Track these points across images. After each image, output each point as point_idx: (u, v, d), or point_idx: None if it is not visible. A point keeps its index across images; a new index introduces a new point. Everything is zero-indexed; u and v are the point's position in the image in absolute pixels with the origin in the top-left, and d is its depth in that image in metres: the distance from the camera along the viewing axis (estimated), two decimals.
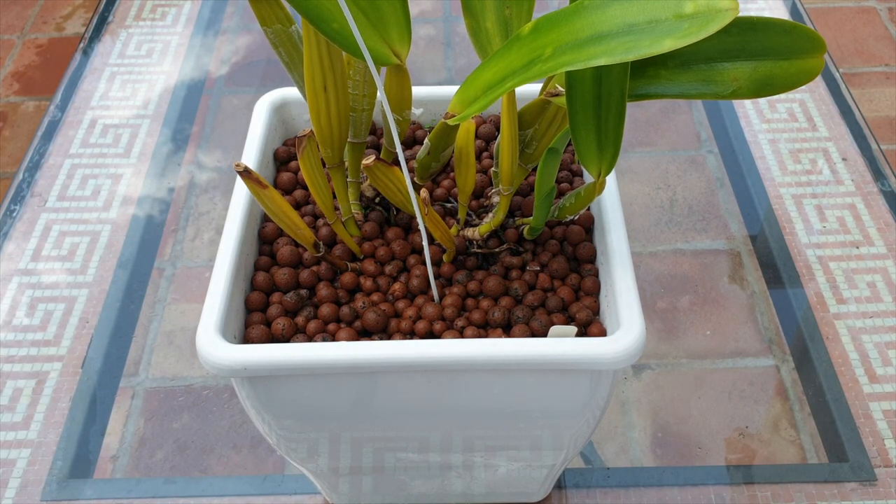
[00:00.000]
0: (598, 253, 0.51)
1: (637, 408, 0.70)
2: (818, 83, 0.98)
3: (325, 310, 0.48)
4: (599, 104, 0.40)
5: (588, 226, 0.52)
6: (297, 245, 0.51)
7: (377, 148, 0.57)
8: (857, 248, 0.81)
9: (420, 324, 0.47)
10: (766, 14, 1.07)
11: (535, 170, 0.52)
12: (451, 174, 0.55)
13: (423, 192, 0.45)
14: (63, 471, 0.66)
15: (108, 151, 0.91)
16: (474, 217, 0.53)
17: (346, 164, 0.51)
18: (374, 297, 0.49)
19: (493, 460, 0.55)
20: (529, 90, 0.55)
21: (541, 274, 0.50)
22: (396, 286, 0.49)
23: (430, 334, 0.47)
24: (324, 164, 0.51)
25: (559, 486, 0.65)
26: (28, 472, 0.66)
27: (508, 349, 0.43)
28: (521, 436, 0.51)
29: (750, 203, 0.86)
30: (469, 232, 0.51)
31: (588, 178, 0.55)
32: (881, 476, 0.65)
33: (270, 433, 0.50)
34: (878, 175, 0.87)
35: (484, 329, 0.48)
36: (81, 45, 1.06)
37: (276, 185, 0.56)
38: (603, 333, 0.47)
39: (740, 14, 0.34)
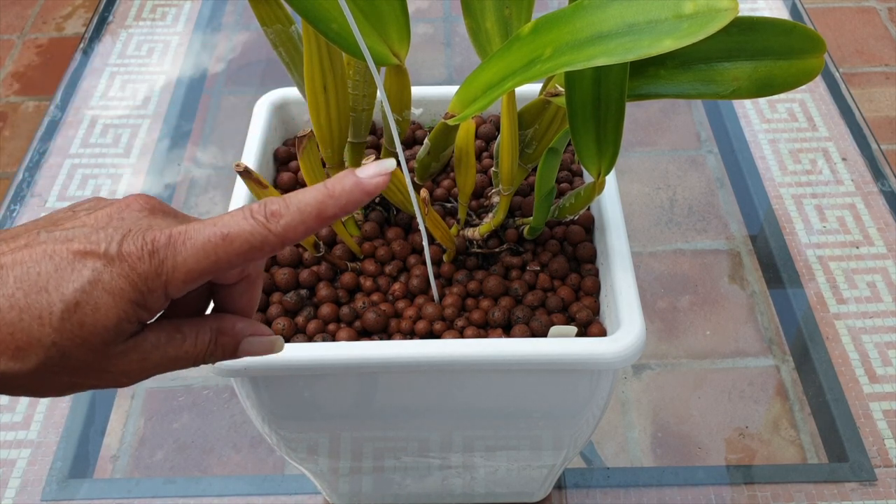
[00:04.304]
0: (598, 253, 0.51)
1: (637, 408, 0.70)
2: (818, 83, 0.98)
3: (325, 310, 0.48)
4: (599, 104, 0.40)
5: (588, 226, 0.52)
6: (297, 245, 0.51)
7: (377, 148, 0.57)
8: (857, 248, 0.81)
9: (420, 324, 0.47)
10: (766, 14, 1.07)
11: (535, 170, 0.52)
12: (451, 174, 0.55)
13: (423, 192, 0.45)
14: (63, 471, 0.66)
15: (108, 151, 0.91)
16: (474, 217, 0.53)
17: (346, 164, 0.51)
18: (374, 297, 0.49)
19: (492, 460, 0.55)
20: (529, 90, 0.54)
21: (541, 274, 0.50)
22: (396, 286, 0.49)
23: (430, 334, 0.47)
24: (324, 164, 0.51)
25: (559, 486, 0.65)
26: (28, 472, 0.66)
27: (508, 349, 0.43)
28: (521, 436, 0.51)
29: (750, 203, 0.86)
30: (469, 232, 0.51)
31: (588, 177, 0.55)
32: (881, 476, 0.65)
33: (270, 433, 0.50)
34: (878, 175, 0.87)
35: (484, 329, 0.48)
36: (81, 45, 1.06)
37: (276, 185, 0.56)
38: (603, 333, 0.47)
39: (740, 14, 0.34)
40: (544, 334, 0.46)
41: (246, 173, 0.44)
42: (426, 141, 0.48)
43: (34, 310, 0.27)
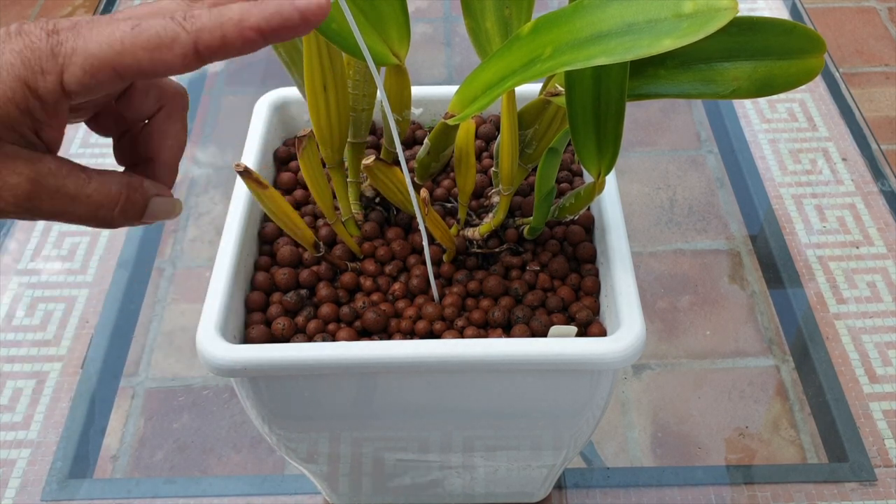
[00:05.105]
0: (598, 253, 0.51)
1: (637, 408, 0.70)
2: (818, 83, 0.98)
3: (325, 310, 0.48)
4: (599, 104, 0.40)
5: (588, 226, 0.52)
6: (297, 245, 0.51)
7: (377, 148, 0.57)
8: (857, 248, 0.81)
9: (420, 324, 0.47)
10: (766, 14, 1.07)
11: (535, 170, 0.52)
12: (451, 174, 0.55)
13: (423, 192, 0.45)
14: (63, 471, 0.66)
15: (108, 151, 0.91)
16: (474, 217, 0.53)
17: (346, 164, 0.51)
18: (374, 296, 0.49)
19: (492, 460, 0.55)
20: (529, 90, 0.54)
21: (541, 274, 0.50)
22: (396, 286, 0.49)
23: (430, 334, 0.47)
24: (324, 164, 0.51)
25: (559, 486, 0.65)
26: (28, 472, 0.66)
27: (508, 349, 0.43)
28: (521, 436, 0.51)
29: (750, 203, 0.86)
30: (469, 232, 0.51)
31: (588, 177, 0.55)
32: (881, 476, 0.65)
33: (270, 433, 0.50)
34: (878, 175, 0.87)
35: (484, 329, 0.48)
36: None
37: (276, 185, 0.56)
38: (603, 333, 0.47)
39: (740, 14, 0.34)
40: (544, 334, 0.46)
41: (246, 173, 0.44)
42: (426, 141, 0.48)
43: None
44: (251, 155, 0.54)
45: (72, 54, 0.26)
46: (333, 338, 0.47)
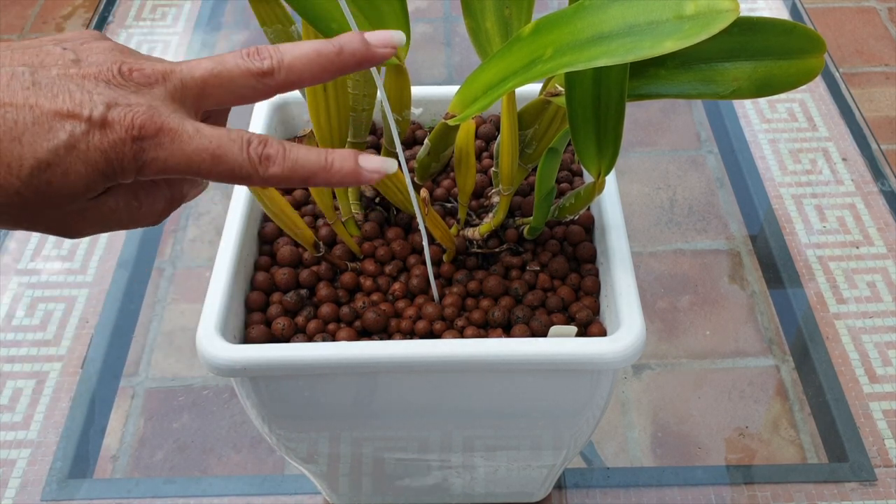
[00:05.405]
0: (598, 253, 0.51)
1: (637, 408, 0.70)
2: (818, 83, 0.98)
3: (325, 309, 0.48)
4: (599, 104, 0.40)
5: (588, 226, 0.52)
6: (297, 245, 0.51)
7: (377, 148, 0.57)
8: (857, 248, 0.81)
9: (420, 324, 0.47)
10: (766, 14, 1.07)
11: (535, 170, 0.52)
12: (451, 174, 0.55)
13: (423, 192, 0.45)
14: (63, 471, 0.66)
15: None
16: (474, 217, 0.53)
17: None
18: (374, 296, 0.49)
19: (493, 460, 0.55)
20: (529, 90, 0.54)
21: (541, 274, 0.50)
22: (396, 286, 0.49)
23: (430, 334, 0.47)
24: None
25: (559, 486, 0.65)
26: (28, 472, 0.66)
27: (508, 349, 0.43)
28: (521, 436, 0.51)
29: (750, 203, 0.86)
30: (469, 232, 0.51)
31: (588, 177, 0.55)
32: (881, 476, 0.65)
33: (270, 433, 0.50)
34: (878, 175, 0.87)
35: (484, 329, 0.48)
36: None
37: None
38: (603, 333, 0.47)
39: (740, 14, 0.34)
40: (544, 334, 0.46)
41: None
42: (426, 141, 0.48)
43: (5, 157, 0.27)
44: None
45: (151, 163, 0.29)
46: (333, 338, 0.47)
